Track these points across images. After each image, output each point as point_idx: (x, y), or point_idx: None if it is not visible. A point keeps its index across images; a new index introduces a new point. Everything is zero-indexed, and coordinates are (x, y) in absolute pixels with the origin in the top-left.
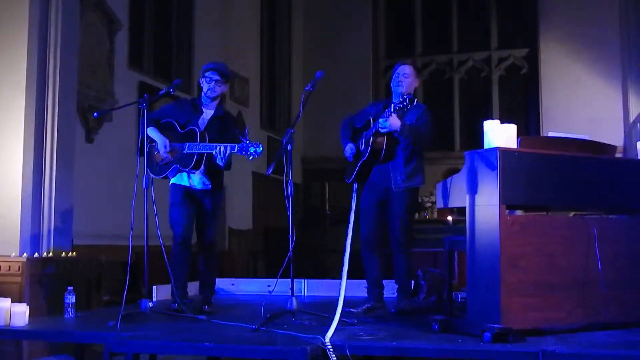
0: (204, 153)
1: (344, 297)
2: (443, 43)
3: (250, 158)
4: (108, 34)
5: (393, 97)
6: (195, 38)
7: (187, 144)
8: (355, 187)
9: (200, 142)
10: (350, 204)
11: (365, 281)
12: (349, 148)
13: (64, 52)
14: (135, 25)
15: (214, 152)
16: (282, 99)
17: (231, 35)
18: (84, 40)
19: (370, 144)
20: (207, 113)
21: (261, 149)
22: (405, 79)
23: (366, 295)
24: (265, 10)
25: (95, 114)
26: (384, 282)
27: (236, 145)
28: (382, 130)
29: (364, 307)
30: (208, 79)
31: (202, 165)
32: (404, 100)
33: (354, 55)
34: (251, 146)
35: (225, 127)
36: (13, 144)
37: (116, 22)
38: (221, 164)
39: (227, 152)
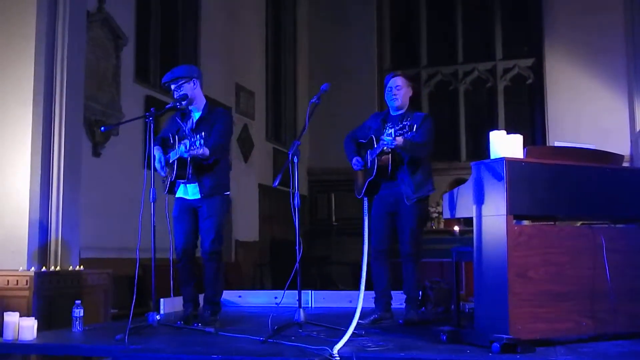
0: (185, 161)
1: (352, 307)
2: (448, 54)
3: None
4: (114, 49)
5: (390, 109)
6: (201, 52)
7: (170, 153)
8: (365, 202)
9: (178, 148)
10: (362, 218)
11: (372, 292)
12: (356, 160)
13: (70, 67)
14: (141, 39)
15: (183, 151)
16: (287, 111)
17: (237, 49)
18: (91, 55)
19: (375, 163)
20: (195, 116)
21: (202, 141)
22: (399, 90)
23: (373, 306)
24: (270, 23)
25: (102, 128)
26: (392, 293)
27: (187, 141)
28: (387, 149)
29: (372, 317)
30: (172, 92)
31: (188, 170)
32: (404, 127)
33: (359, 67)
34: (197, 140)
35: (211, 127)
36: (20, 158)
37: (122, 37)
38: (201, 155)
39: (191, 148)
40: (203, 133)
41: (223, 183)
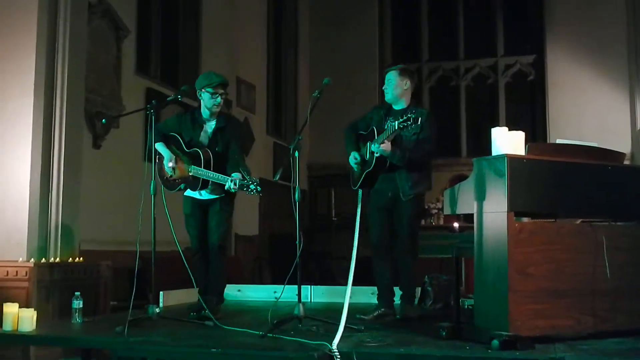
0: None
1: (354, 303)
2: (449, 50)
3: (251, 193)
4: (115, 41)
5: (392, 103)
6: (202, 44)
7: (192, 166)
8: (360, 194)
9: (204, 166)
10: (355, 210)
11: (374, 288)
12: (353, 157)
13: (71, 59)
14: (142, 31)
15: (231, 187)
16: (288, 105)
17: (238, 42)
18: (92, 46)
19: (375, 155)
20: (209, 126)
21: (259, 189)
22: (389, 84)
23: (376, 301)
24: (272, 16)
25: (103, 120)
26: (395, 288)
27: (237, 181)
28: (376, 155)
29: (375, 313)
30: (214, 95)
31: (210, 184)
32: (408, 119)
33: (360, 62)
34: (252, 183)
35: (229, 139)
36: (21, 150)
37: (123, 28)
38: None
39: (230, 187)
40: (240, 170)
41: None
